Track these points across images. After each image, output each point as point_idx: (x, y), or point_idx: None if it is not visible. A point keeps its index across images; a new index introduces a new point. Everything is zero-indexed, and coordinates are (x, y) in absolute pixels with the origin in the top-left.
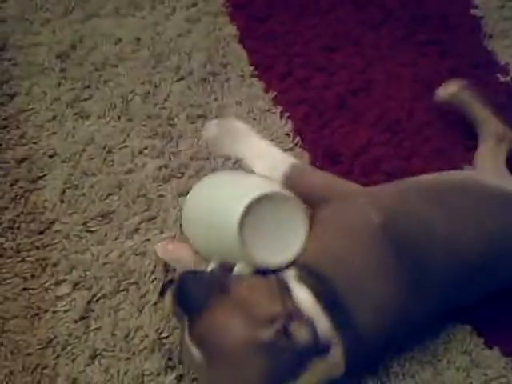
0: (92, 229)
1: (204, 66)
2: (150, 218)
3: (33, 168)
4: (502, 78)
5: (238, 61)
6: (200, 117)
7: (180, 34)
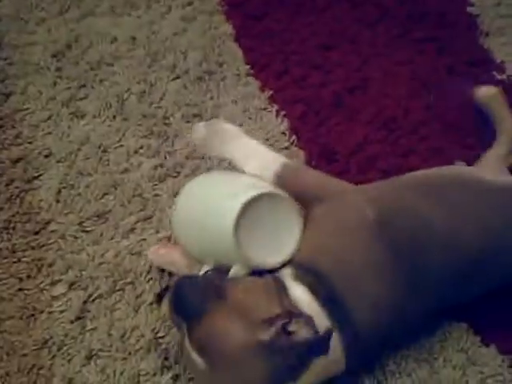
0: (88, 229)
1: (200, 64)
2: (146, 218)
3: (28, 168)
4: (498, 75)
5: (233, 59)
6: (196, 116)
7: (176, 33)
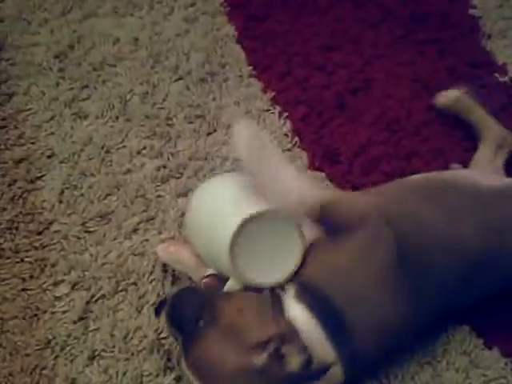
0: (91, 229)
1: (202, 65)
2: (149, 219)
3: (31, 168)
4: (500, 77)
5: (236, 61)
6: (198, 117)
7: (178, 34)
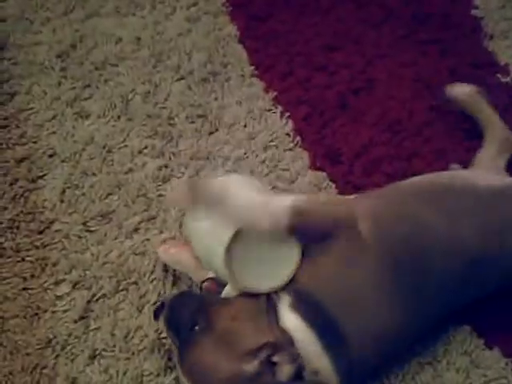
0: (92, 228)
1: (204, 65)
2: (150, 218)
3: (33, 167)
4: (502, 78)
5: (238, 60)
6: (200, 116)
7: (180, 34)
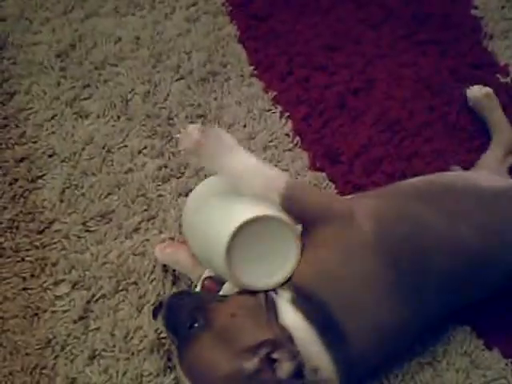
0: (91, 228)
1: (204, 65)
2: (150, 218)
3: (32, 167)
4: (501, 78)
5: (237, 60)
6: (199, 116)
7: (180, 34)
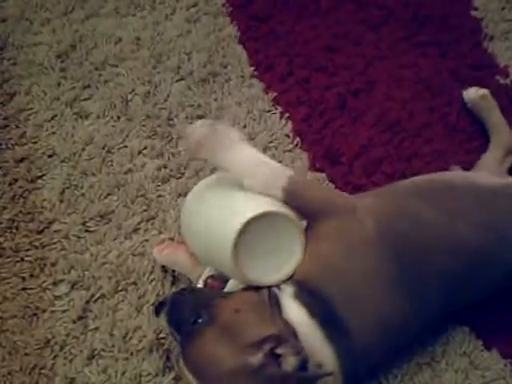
0: (91, 229)
1: (204, 66)
2: (149, 219)
3: (32, 168)
4: (501, 80)
5: (238, 61)
6: (200, 117)
7: (180, 35)
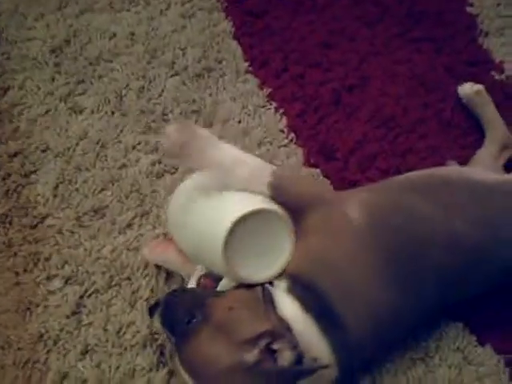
0: (85, 224)
1: (199, 61)
2: (143, 214)
3: (25, 162)
4: (496, 75)
5: (233, 56)
6: (194, 112)
7: (175, 30)
